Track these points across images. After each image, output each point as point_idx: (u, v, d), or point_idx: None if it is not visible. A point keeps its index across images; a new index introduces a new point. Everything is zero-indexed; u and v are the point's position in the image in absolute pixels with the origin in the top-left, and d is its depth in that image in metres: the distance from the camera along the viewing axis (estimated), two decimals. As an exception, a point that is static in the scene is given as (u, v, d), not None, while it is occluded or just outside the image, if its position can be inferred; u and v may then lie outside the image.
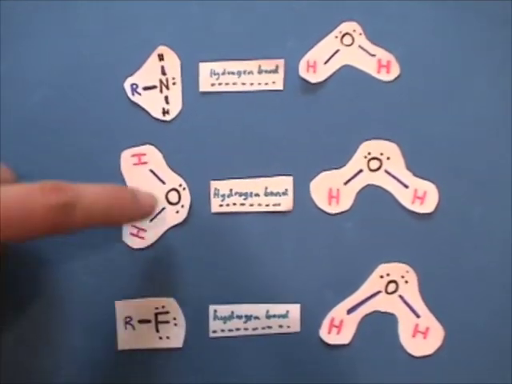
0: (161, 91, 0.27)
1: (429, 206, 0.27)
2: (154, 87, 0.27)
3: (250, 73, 0.27)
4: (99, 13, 0.28)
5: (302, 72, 0.27)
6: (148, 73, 0.27)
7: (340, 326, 0.27)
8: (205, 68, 0.27)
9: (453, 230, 0.27)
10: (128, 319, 0.27)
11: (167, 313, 0.27)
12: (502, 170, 0.27)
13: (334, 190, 0.27)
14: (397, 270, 0.27)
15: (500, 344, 0.27)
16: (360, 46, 0.27)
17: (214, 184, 0.27)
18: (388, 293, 0.27)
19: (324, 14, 0.28)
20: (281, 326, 0.27)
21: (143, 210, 0.24)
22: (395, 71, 0.27)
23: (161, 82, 0.27)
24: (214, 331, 0.27)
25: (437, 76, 0.27)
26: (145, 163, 0.27)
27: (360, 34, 0.27)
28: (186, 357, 0.27)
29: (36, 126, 0.28)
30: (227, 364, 0.27)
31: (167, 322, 0.27)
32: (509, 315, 0.27)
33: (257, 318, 0.27)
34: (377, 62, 0.27)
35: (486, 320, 0.27)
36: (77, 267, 0.27)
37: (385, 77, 0.27)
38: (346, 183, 0.27)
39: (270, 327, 0.27)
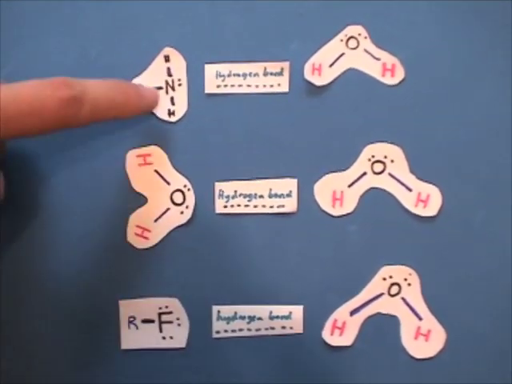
0: (166, 92, 0.28)
1: (432, 209, 0.27)
2: (159, 88, 0.28)
3: (256, 75, 0.28)
4: (105, 14, 0.28)
5: (308, 75, 0.27)
6: (154, 74, 0.28)
7: (342, 328, 0.27)
8: (210, 70, 0.28)
9: (455, 234, 0.27)
10: (131, 319, 0.27)
11: (171, 313, 0.27)
12: (505, 173, 0.27)
13: (337, 193, 0.27)
14: (400, 272, 0.27)
15: (501, 347, 0.27)
16: (365, 50, 0.28)
17: (218, 185, 0.27)
18: (391, 295, 0.27)
19: (329, 16, 0.28)
20: (284, 327, 0.27)
21: (146, 102, 0.27)
22: (400, 75, 0.27)
23: (167, 83, 0.28)
24: (218, 331, 0.27)
25: (441, 80, 0.27)
26: (150, 164, 0.27)
27: (365, 38, 0.28)
28: (189, 357, 0.27)
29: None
30: (230, 364, 0.27)
31: (171, 322, 0.27)
32: (510, 318, 0.27)
33: (260, 318, 0.27)
34: (381, 66, 0.28)
35: (487, 323, 0.27)
36: (81, 267, 0.27)
37: (389, 80, 0.28)
38: (349, 186, 0.27)
39: (272, 328, 0.27)
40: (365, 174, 0.27)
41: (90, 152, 0.28)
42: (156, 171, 0.27)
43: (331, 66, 0.28)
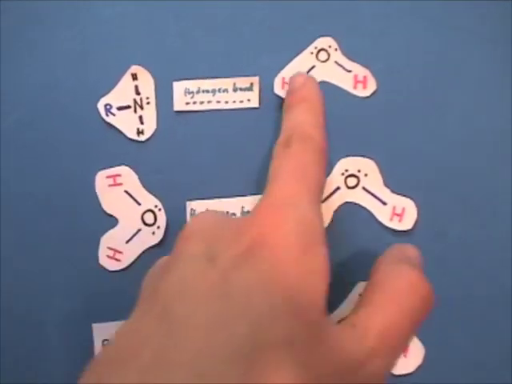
0: (135, 111, 0.27)
1: (407, 223, 0.26)
2: (128, 107, 0.27)
3: (225, 91, 0.27)
4: (72, 32, 0.27)
5: (277, 89, 0.27)
6: (122, 93, 0.27)
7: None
8: (179, 87, 0.27)
9: (431, 248, 0.26)
10: (106, 342, 0.27)
11: (145, 335, 0.27)
12: (482, 186, 0.27)
13: (311, 209, 0.27)
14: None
15: (480, 362, 0.26)
16: (336, 62, 0.27)
17: (190, 204, 0.27)
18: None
19: (299, 29, 0.27)
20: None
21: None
22: (372, 87, 0.27)
23: (135, 101, 0.27)
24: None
25: (414, 91, 0.27)
26: (120, 184, 0.27)
27: (336, 50, 0.27)
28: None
29: (10, 147, 0.27)
30: None
31: (145, 345, 0.27)
32: (488, 332, 0.26)
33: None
34: (353, 78, 0.27)
35: (465, 338, 0.26)
36: (53, 290, 0.27)
37: (361, 92, 0.27)
38: (323, 201, 0.27)
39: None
40: (338, 188, 0.27)
41: (59, 173, 0.27)
42: (126, 191, 0.27)
43: (301, 79, 0.27)
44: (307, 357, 0.16)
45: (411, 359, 0.26)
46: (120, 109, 0.27)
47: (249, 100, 0.27)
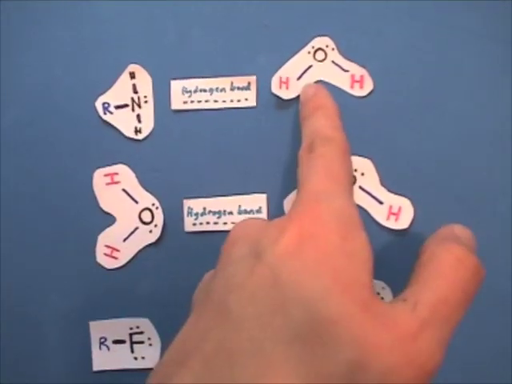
0: (133, 110, 0.27)
1: (404, 222, 0.27)
2: (125, 106, 0.27)
3: (223, 90, 0.27)
4: (70, 31, 0.28)
5: (275, 89, 0.27)
6: (119, 91, 0.27)
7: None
8: (176, 86, 0.27)
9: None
10: (103, 340, 0.27)
11: (142, 333, 0.27)
12: (480, 185, 0.27)
13: (307, 208, 0.27)
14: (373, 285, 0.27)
15: (480, 362, 0.26)
16: (333, 62, 0.27)
17: (187, 203, 0.27)
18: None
19: (296, 28, 0.27)
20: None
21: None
22: (369, 86, 0.27)
23: (132, 100, 0.27)
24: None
25: (410, 90, 0.27)
26: (117, 182, 0.27)
27: (333, 49, 0.27)
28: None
29: (8, 146, 0.28)
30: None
31: (142, 343, 0.27)
32: (478, 337, 0.26)
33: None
34: (350, 78, 0.27)
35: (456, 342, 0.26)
36: (50, 288, 0.27)
37: (358, 92, 0.27)
38: (320, 200, 0.27)
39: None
40: (335, 187, 0.27)
41: (57, 171, 0.27)
42: (124, 190, 0.27)
43: (299, 78, 0.27)
44: (362, 332, 0.16)
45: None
46: (118, 107, 0.27)
47: (246, 99, 0.27)
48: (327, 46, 0.27)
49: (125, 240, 0.27)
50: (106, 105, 0.27)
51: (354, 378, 0.16)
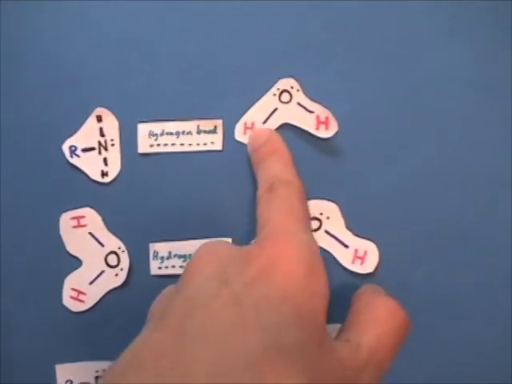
0: (99, 153, 0.27)
1: (369, 265, 0.26)
2: (92, 149, 0.27)
3: (189, 133, 0.27)
4: (41, 73, 0.28)
5: (239, 135, 0.27)
6: (87, 134, 0.27)
7: None
8: (143, 129, 0.27)
9: (394, 291, 0.26)
10: (69, 383, 0.27)
11: (107, 376, 0.27)
12: (446, 227, 0.27)
13: (273, 251, 0.27)
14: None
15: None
16: (298, 103, 0.27)
17: (153, 246, 0.27)
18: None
19: (262, 70, 0.27)
20: None
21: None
22: (334, 127, 0.27)
23: (99, 143, 0.27)
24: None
25: (376, 132, 0.27)
26: (84, 226, 0.27)
27: (298, 91, 0.27)
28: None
29: (-23, 188, 0.28)
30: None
31: (108, 386, 0.27)
32: (450, 373, 0.26)
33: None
34: (315, 119, 0.27)
35: (427, 377, 0.26)
36: (17, 330, 0.27)
37: (324, 133, 0.27)
38: (285, 243, 0.27)
39: None
40: (300, 231, 0.27)
41: (23, 214, 0.27)
42: (90, 233, 0.27)
43: (265, 122, 0.27)
44: (312, 364, 0.18)
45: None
46: (85, 150, 0.27)
47: (212, 143, 0.27)
48: (292, 88, 0.27)
49: (91, 283, 0.27)
50: (73, 148, 0.27)
51: None
